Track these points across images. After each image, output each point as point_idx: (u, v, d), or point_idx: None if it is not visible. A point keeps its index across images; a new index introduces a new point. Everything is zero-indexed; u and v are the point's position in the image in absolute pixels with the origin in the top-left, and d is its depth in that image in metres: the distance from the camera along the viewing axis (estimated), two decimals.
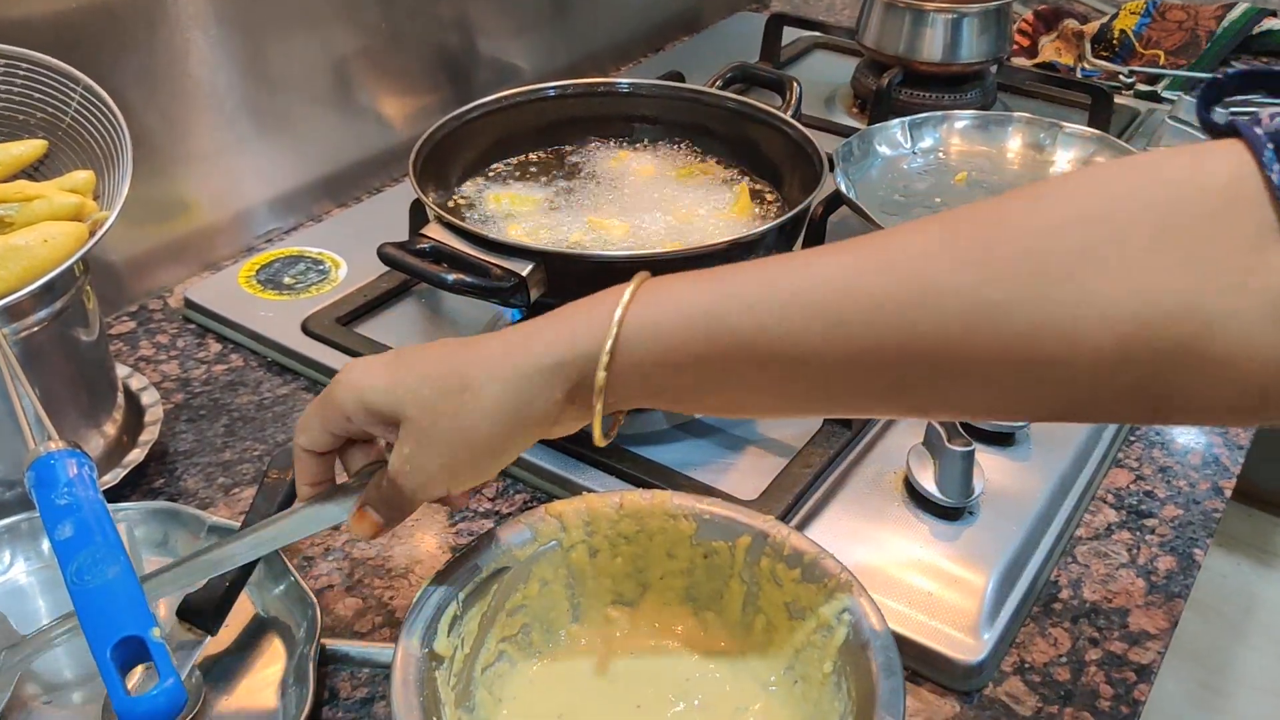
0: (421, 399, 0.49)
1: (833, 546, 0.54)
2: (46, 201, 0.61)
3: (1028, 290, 0.41)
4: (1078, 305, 0.40)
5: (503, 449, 0.50)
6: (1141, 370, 0.40)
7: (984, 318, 0.41)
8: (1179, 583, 0.65)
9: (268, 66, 0.93)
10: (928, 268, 0.42)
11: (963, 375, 0.43)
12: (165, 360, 0.83)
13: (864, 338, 0.43)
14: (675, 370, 0.47)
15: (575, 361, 0.47)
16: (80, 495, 0.46)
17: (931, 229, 0.44)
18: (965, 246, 0.42)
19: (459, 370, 0.48)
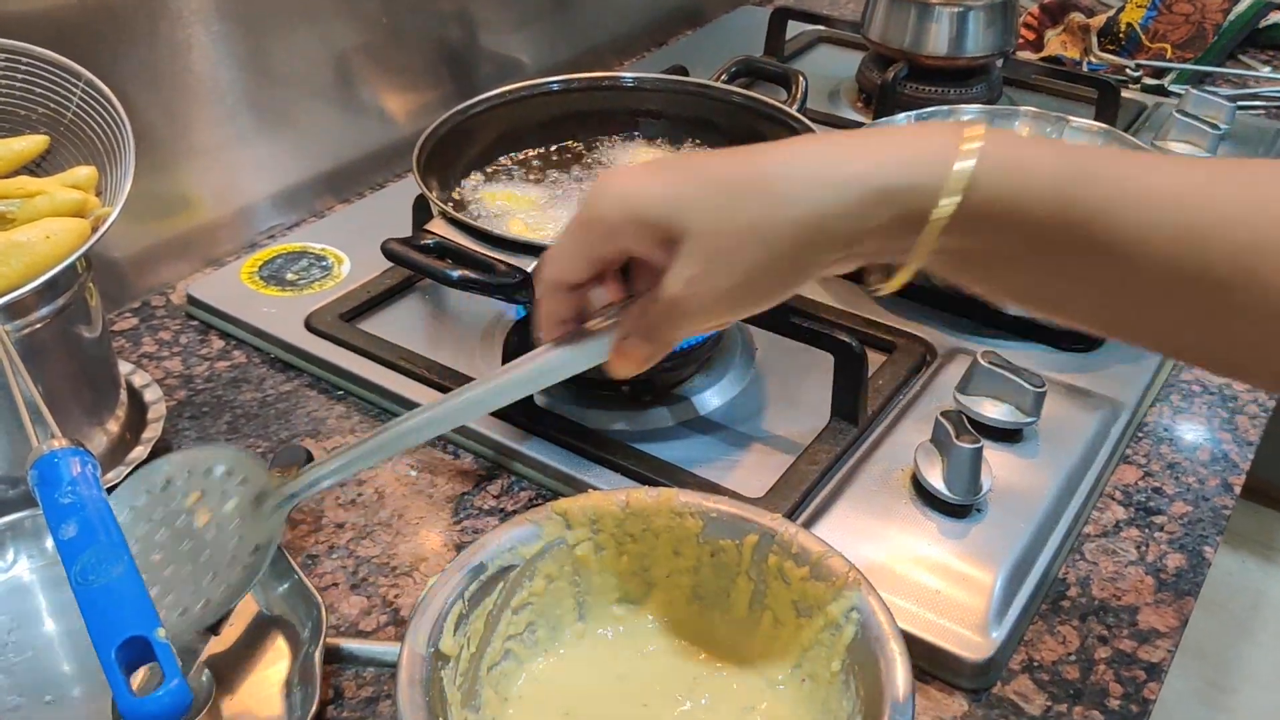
0: (710, 207, 0.43)
1: (840, 544, 0.54)
2: (48, 197, 0.61)
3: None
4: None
5: (803, 270, 0.45)
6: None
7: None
8: (1188, 580, 0.65)
9: (269, 61, 0.92)
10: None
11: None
12: (168, 357, 0.82)
13: (1209, 252, 0.41)
14: (1010, 231, 0.42)
15: (907, 190, 0.42)
16: (84, 494, 0.45)
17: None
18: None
19: (760, 173, 0.44)
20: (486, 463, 0.73)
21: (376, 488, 0.71)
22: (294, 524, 0.68)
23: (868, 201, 0.43)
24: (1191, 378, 0.82)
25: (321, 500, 0.70)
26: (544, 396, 0.76)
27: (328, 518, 0.69)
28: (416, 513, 0.69)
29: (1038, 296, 0.47)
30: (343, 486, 0.71)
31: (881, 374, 0.78)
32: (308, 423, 0.76)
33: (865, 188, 0.43)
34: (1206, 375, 0.82)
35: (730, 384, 0.78)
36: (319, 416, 0.77)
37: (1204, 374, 0.82)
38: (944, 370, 0.79)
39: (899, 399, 0.76)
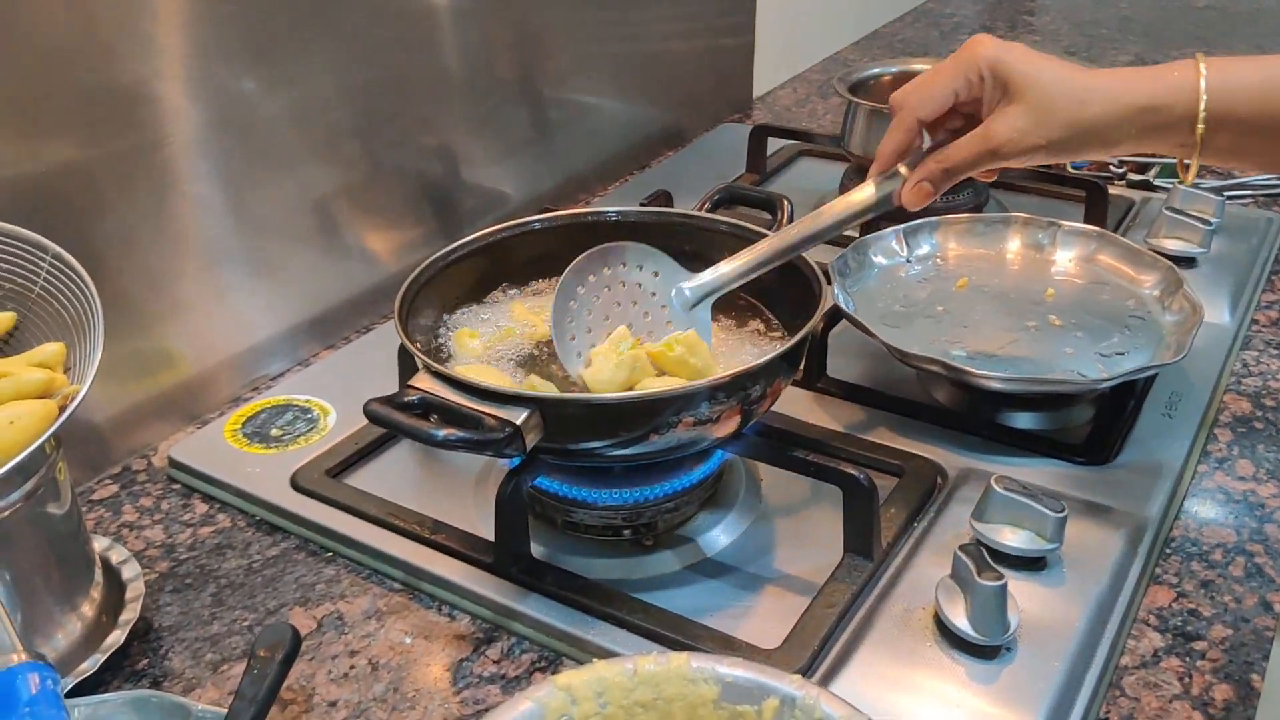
0: (1040, 87, 0.65)
1: (865, 694, 0.51)
2: (12, 380, 0.58)
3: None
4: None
5: (1087, 152, 0.68)
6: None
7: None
8: (1239, 715, 0.61)
9: (248, 212, 0.91)
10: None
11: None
12: (149, 525, 0.79)
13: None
14: (1238, 125, 0.63)
15: (1161, 110, 0.64)
16: (43, 715, 0.42)
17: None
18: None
19: (1070, 80, 0.65)
20: (484, 624, 0.69)
21: (370, 659, 0.67)
22: (283, 704, 0.64)
23: (1130, 113, 0.65)
24: (1213, 485, 0.79)
25: (312, 676, 0.66)
26: (541, 547, 0.72)
27: (319, 695, 0.64)
28: (413, 684, 0.65)
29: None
30: (333, 659, 0.67)
31: (893, 501, 0.74)
32: (296, 589, 0.72)
33: (1131, 106, 0.65)
34: (1228, 482, 0.79)
35: (736, 521, 0.75)
36: (308, 582, 0.73)
37: (1226, 481, 0.79)
38: (957, 493, 0.76)
39: (913, 528, 0.73)
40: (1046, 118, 0.65)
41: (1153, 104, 0.64)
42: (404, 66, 1.02)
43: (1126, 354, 0.84)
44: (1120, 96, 0.65)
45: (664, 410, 0.64)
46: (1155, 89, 0.64)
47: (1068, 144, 0.66)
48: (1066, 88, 0.65)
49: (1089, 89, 0.65)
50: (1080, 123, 0.65)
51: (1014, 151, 0.67)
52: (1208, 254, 1.04)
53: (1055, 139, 0.66)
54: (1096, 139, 0.66)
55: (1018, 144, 0.66)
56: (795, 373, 0.72)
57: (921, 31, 1.97)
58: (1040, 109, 0.65)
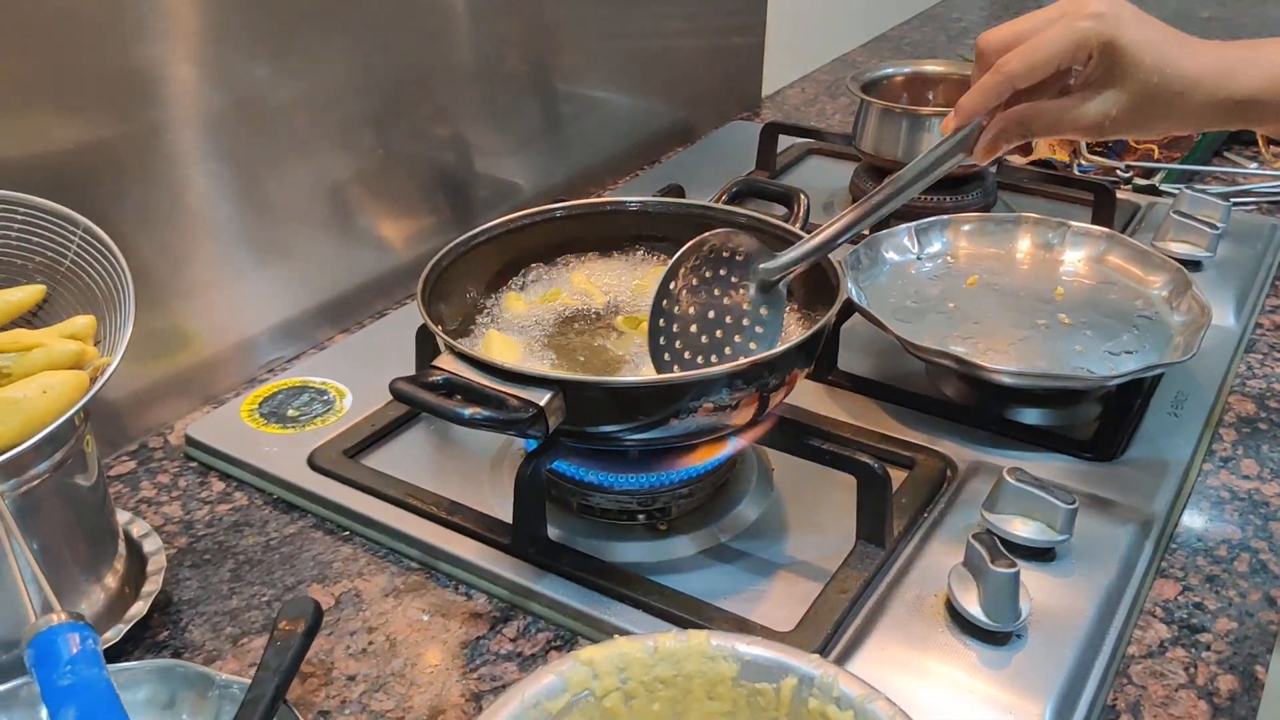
0: (1149, 70, 0.63)
1: (877, 678, 0.51)
2: (45, 350, 0.59)
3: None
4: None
5: (1172, 132, 0.68)
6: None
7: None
8: (1244, 705, 0.62)
9: (265, 196, 0.92)
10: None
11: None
12: (167, 502, 0.79)
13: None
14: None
15: (1257, 108, 0.64)
16: (84, 674, 0.43)
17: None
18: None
19: (1183, 66, 0.64)
20: (501, 603, 0.70)
21: (388, 635, 0.68)
22: (303, 677, 0.65)
23: (1230, 113, 0.65)
24: (1218, 483, 0.80)
25: (331, 651, 0.66)
26: (557, 530, 0.73)
27: (338, 669, 0.65)
28: (430, 660, 0.66)
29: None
30: (352, 635, 0.68)
31: (904, 492, 0.76)
32: (314, 567, 0.73)
33: (1229, 103, 0.65)
34: (1233, 480, 0.80)
35: (750, 508, 0.76)
36: (325, 560, 0.74)
37: (1231, 479, 0.80)
38: (967, 485, 0.77)
39: (924, 518, 0.74)
40: (1143, 112, 0.65)
41: (1251, 98, 0.64)
42: (421, 58, 1.03)
43: (1135, 353, 0.86)
44: (1217, 90, 0.64)
45: (684, 395, 0.65)
46: (1251, 81, 0.64)
47: (1153, 131, 0.67)
48: (1169, 77, 0.64)
49: (1188, 81, 0.64)
50: (1172, 115, 0.65)
51: (1100, 135, 0.66)
52: (1213, 258, 1.05)
53: (1143, 128, 0.66)
54: (1183, 127, 0.67)
55: (1106, 130, 0.66)
56: (812, 362, 0.73)
57: (929, 34, 1.99)
58: (1140, 101, 0.64)
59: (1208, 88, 0.64)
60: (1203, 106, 0.64)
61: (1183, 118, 0.65)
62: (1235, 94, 0.64)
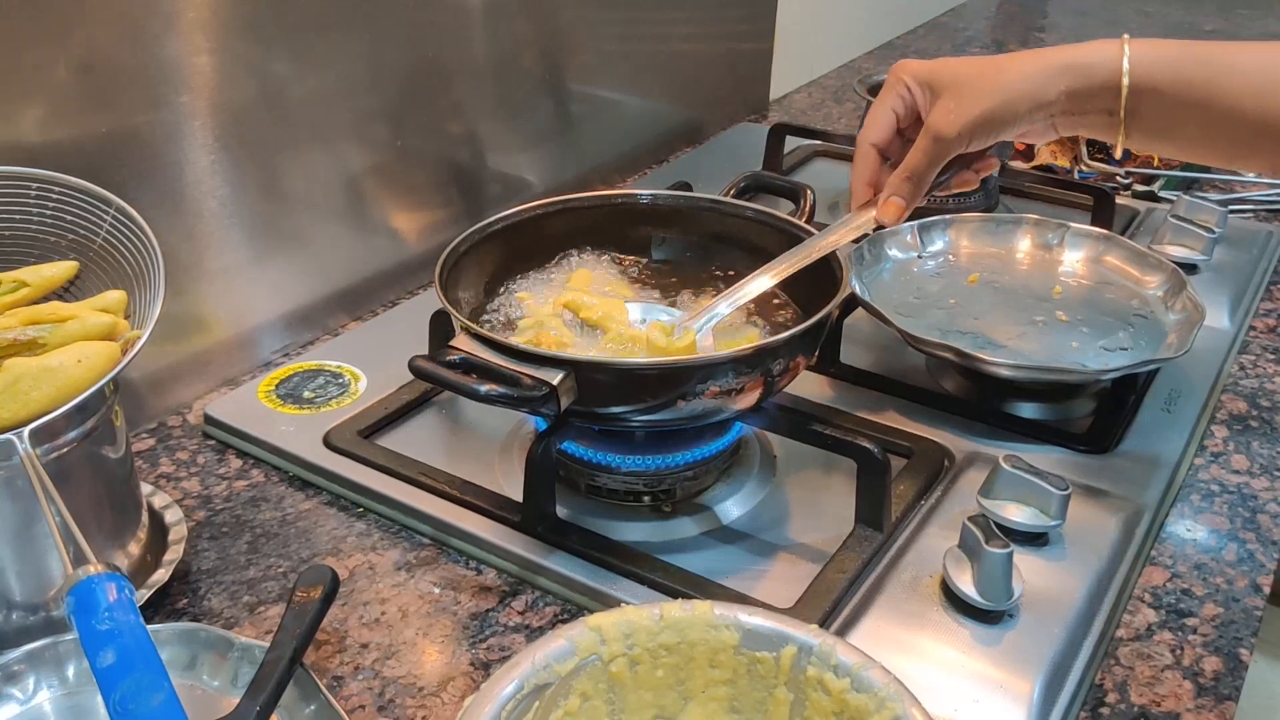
0: (961, 75, 0.71)
1: (874, 654, 0.53)
2: (79, 322, 0.62)
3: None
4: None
5: (1022, 117, 0.69)
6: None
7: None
8: (1228, 684, 0.64)
9: (284, 185, 0.94)
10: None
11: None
12: (186, 477, 0.82)
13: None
14: (1158, 99, 0.65)
15: (1085, 66, 0.67)
16: (121, 620, 0.45)
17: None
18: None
19: (989, 62, 0.70)
20: (510, 578, 0.72)
21: (400, 606, 0.70)
22: (317, 645, 0.67)
23: (1053, 71, 0.68)
24: (1208, 477, 0.82)
25: (345, 620, 0.69)
26: (564, 509, 0.75)
27: (351, 637, 0.68)
28: (441, 631, 0.68)
29: (1201, 155, 0.69)
30: (365, 605, 0.70)
31: (902, 479, 0.78)
32: (328, 541, 0.75)
33: (1053, 65, 0.68)
34: (1224, 475, 0.82)
35: (752, 492, 0.78)
36: (339, 535, 0.76)
37: (1221, 474, 0.82)
38: (964, 474, 0.79)
39: (921, 504, 0.76)
40: (973, 93, 0.70)
41: (1076, 63, 0.67)
42: (438, 55, 1.06)
43: (1130, 349, 0.88)
44: (1042, 58, 0.69)
45: (691, 378, 0.67)
46: (1078, 53, 0.68)
47: (1001, 110, 0.69)
48: (986, 67, 0.70)
49: (1010, 60, 0.70)
50: (1006, 87, 0.69)
51: (955, 132, 0.70)
52: (1209, 261, 1.08)
53: (987, 107, 0.69)
54: (1026, 100, 0.69)
55: (955, 124, 0.70)
56: (815, 351, 0.75)
57: (935, 44, 2.01)
58: (967, 88, 0.70)
59: (1030, 59, 0.69)
60: (1033, 76, 0.68)
61: (1021, 92, 0.69)
62: (1060, 60, 0.68)
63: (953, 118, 0.70)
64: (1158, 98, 0.66)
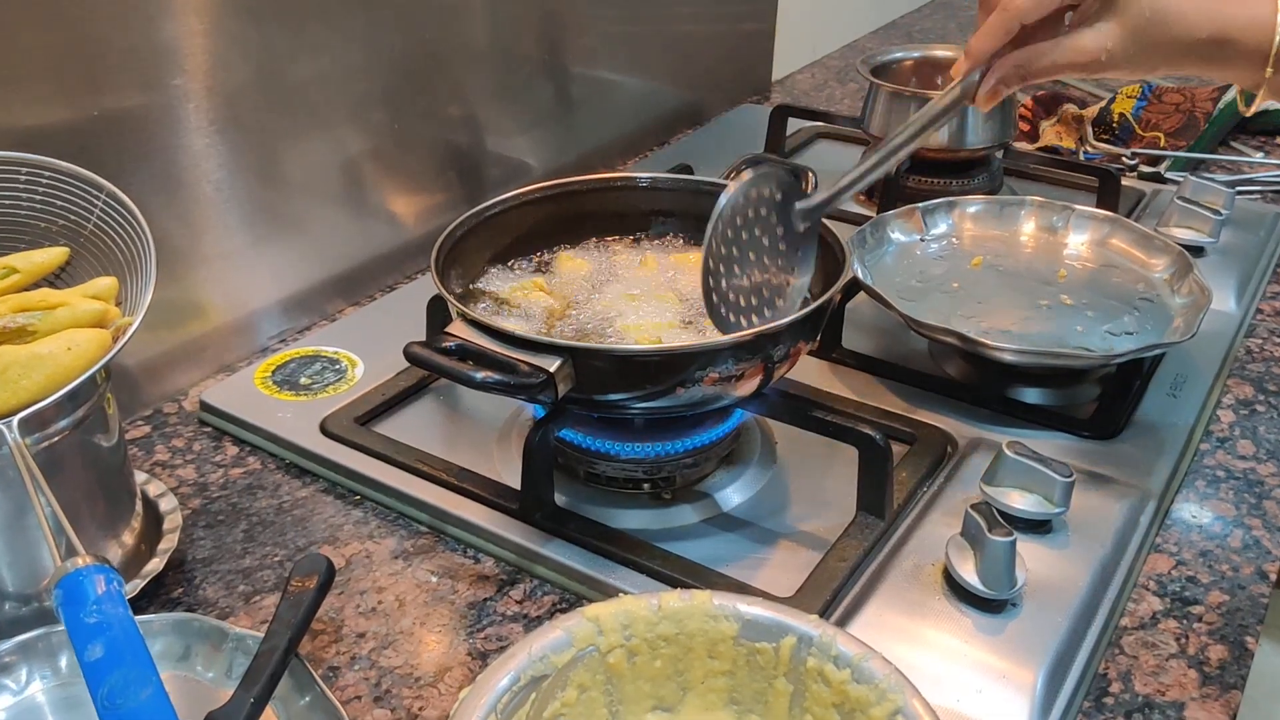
0: (1144, 19, 0.65)
1: (875, 643, 0.53)
2: (70, 309, 0.61)
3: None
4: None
5: (1158, 70, 0.67)
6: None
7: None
8: (1233, 673, 0.63)
9: (281, 169, 0.93)
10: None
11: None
12: (181, 465, 0.81)
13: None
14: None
15: (1235, 43, 0.64)
16: (110, 613, 0.44)
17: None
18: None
19: (1171, 5, 0.65)
20: (508, 567, 0.72)
21: (397, 595, 0.69)
22: (313, 634, 0.66)
23: (1209, 54, 0.65)
24: (1214, 463, 0.81)
25: (341, 609, 0.68)
26: (563, 496, 0.75)
27: (348, 626, 0.67)
28: (438, 620, 0.67)
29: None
30: (362, 594, 0.69)
31: (904, 466, 0.77)
32: (325, 529, 0.75)
33: (1211, 41, 0.65)
34: (1230, 460, 0.81)
35: (752, 479, 0.77)
36: (336, 522, 0.75)
37: (1227, 459, 0.81)
38: (966, 461, 0.78)
39: (924, 491, 0.75)
40: (1137, 43, 0.66)
41: (1227, 36, 0.65)
42: (436, 37, 1.04)
43: (1135, 333, 0.87)
44: (1198, 26, 0.65)
45: (690, 364, 0.66)
46: (1232, 20, 0.64)
47: (1145, 66, 0.67)
48: (1160, 9, 0.65)
49: (1175, 13, 0.65)
50: (1160, 49, 0.66)
51: (1098, 71, 0.67)
52: (1216, 244, 1.06)
53: (1136, 62, 0.67)
54: (1169, 64, 0.67)
55: (1104, 64, 0.67)
56: (816, 336, 0.74)
57: (939, 22, 1.99)
58: (1134, 33, 0.65)
59: (1192, 20, 0.65)
60: (1187, 42, 0.65)
61: (1169, 53, 0.66)
62: (1218, 32, 0.65)
63: (1105, 59, 0.66)
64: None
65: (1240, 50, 0.65)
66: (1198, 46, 0.65)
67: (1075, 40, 0.67)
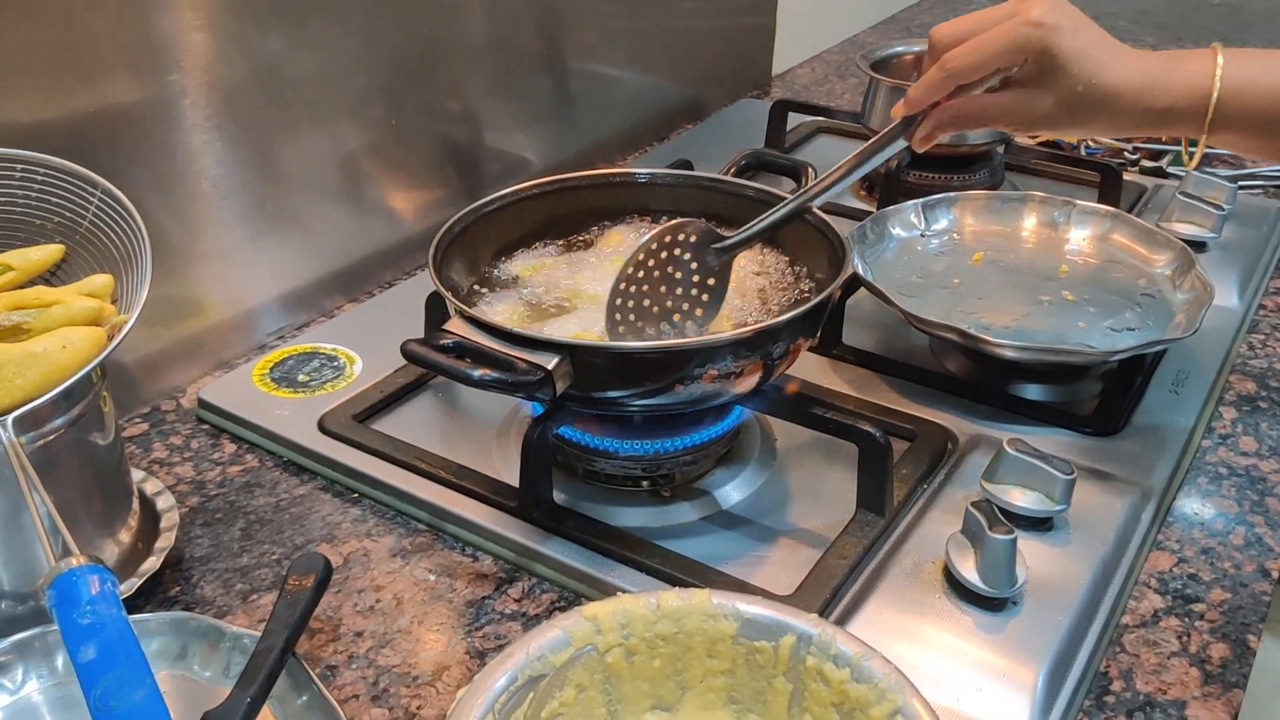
0: (1078, 77, 0.66)
1: (875, 642, 0.52)
2: (65, 307, 0.60)
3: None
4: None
5: (1094, 134, 0.76)
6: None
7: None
8: (1235, 671, 0.63)
9: (278, 165, 0.93)
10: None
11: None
12: (179, 463, 0.81)
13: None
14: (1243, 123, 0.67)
15: (1174, 95, 0.67)
16: (103, 614, 0.44)
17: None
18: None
19: (1107, 77, 0.66)
20: (506, 565, 0.71)
21: (395, 594, 0.69)
22: (310, 633, 0.66)
23: (1147, 122, 0.69)
24: (1216, 460, 0.81)
25: (339, 608, 0.68)
26: (562, 494, 0.74)
27: (345, 625, 0.67)
28: (437, 619, 0.67)
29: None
30: (359, 593, 0.69)
31: (904, 463, 0.77)
32: (323, 527, 0.75)
33: (1147, 112, 0.68)
34: (1232, 457, 0.81)
35: (752, 477, 0.77)
36: (334, 520, 0.75)
37: (1229, 456, 0.81)
38: (967, 458, 0.78)
39: (924, 488, 0.75)
40: (1070, 114, 0.68)
41: (1167, 108, 0.67)
42: (434, 32, 1.04)
43: (1137, 330, 0.86)
44: (1138, 101, 0.67)
45: (689, 362, 0.66)
46: (1168, 94, 0.67)
47: (1082, 132, 0.71)
48: (1093, 87, 0.67)
49: (1110, 91, 0.67)
50: (1098, 120, 0.69)
51: (1030, 130, 0.71)
52: (1218, 239, 1.06)
53: (1071, 128, 0.70)
54: (1109, 132, 0.71)
55: (1037, 127, 0.70)
56: (816, 332, 0.74)
57: (939, 17, 1.98)
58: (1067, 105, 0.67)
59: (1129, 99, 0.67)
60: (1125, 114, 0.68)
61: (1108, 123, 0.69)
62: (1154, 105, 0.67)
63: (1036, 121, 0.69)
64: (1243, 127, 0.67)
65: (1180, 116, 0.68)
66: (1140, 118, 0.68)
67: (1011, 101, 0.69)
